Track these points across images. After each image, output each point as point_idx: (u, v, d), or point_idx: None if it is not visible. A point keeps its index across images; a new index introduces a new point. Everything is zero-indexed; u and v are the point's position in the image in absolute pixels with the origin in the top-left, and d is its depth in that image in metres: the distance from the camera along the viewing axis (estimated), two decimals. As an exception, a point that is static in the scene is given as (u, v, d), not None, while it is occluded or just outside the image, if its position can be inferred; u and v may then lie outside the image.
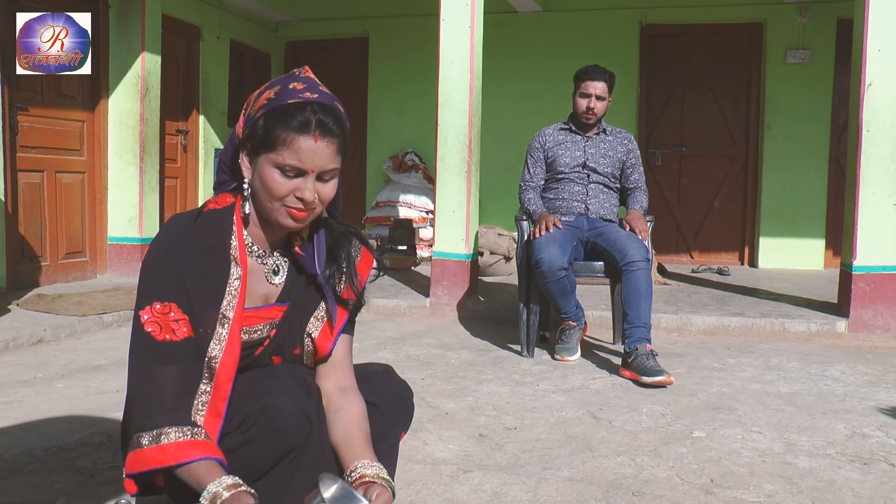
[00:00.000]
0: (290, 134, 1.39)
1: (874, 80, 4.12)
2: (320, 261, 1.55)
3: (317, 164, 1.41)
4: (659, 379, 3.10)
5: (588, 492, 2.04)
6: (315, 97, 1.42)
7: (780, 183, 6.79)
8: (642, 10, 7.00)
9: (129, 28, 5.56)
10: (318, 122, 1.40)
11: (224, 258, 1.47)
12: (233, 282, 1.46)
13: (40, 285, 5.02)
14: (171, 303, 1.41)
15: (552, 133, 3.90)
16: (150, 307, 1.41)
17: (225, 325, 1.44)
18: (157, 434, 1.36)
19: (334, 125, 1.42)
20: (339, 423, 1.50)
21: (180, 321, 1.41)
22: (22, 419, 2.57)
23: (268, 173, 1.42)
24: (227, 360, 1.43)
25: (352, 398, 1.55)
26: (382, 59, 7.60)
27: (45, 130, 5.09)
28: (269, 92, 1.45)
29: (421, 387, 3.04)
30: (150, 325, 1.40)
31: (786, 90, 6.74)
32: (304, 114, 1.40)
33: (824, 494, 2.03)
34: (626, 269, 3.40)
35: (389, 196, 7.12)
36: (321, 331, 1.57)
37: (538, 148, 3.89)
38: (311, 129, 1.40)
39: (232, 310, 1.45)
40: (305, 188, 1.42)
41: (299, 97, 1.42)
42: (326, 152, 1.42)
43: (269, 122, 1.41)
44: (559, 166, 3.83)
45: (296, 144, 1.40)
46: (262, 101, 1.44)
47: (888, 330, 4.12)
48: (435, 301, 4.73)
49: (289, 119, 1.40)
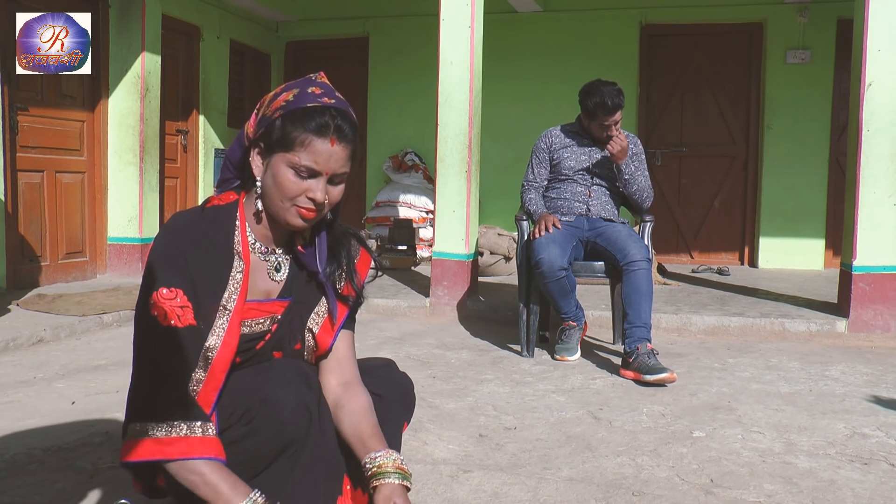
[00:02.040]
0: (308, 136, 1.44)
1: (874, 80, 4.12)
2: (322, 259, 1.59)
3: (331, 167, 1.46)
4: (662, 376, 3.10)
5: (588, 492, 2.04)
6: (332, 102, 1.48)
7: (780, 183, 6.79)
8: (642, 10, 7.00)
9: (129, 28, 5.56)
10: (337, 126, 1.45)
11: (227, 252, 1.50)
12: (235, 275, 1.49)
13: (40, 285, 5.02)
14: (177, 289, 1.44)
15: (559, 135, 3.87)
16: (157, 292, 1.43)
17: (225, 317, 1.46)
18: (165, 426, 1.39)
19: (350, 130, 1.47)
20: (347, 418, 1.53)
21: (185, 308, 1.43)
22: (22, 419, 2.57)
23: (282, 172, 1.46)
24: (224, 351, 1.45)
25: (356, 392, 1.58)
26: (382, 59, 7.60)
27: (45, 130, 5.09)
28: (287, 94, 1.49)
29: (421, 387, 3.03)
30: (156, 310, 1.43)
31: (786, 90, 6.74)
32: (323, 117, 1.45)
33: (824, 494, 2.03)
34: (626, 269, 3.40)
35: (389, 196, 7.12)
36: (322, 326, 1.60)
37: (544, 149, 3.86)
38: (329, 133, 1.44)
39: (233, 302, 1.47)
40: (317, 189, 1.46)
41: (318, 101, 1.46)
42: (341, 156, 1.47)
43: (288, 122, 1.45)
44: (564, 168, 3.81)
45: (313, 146, 1.44)
46: (280, 103, 1.48)
47: (888, 330, 4.12)
48: (435, 301, 4.73)
49: (308, 121, 1.44)
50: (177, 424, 1.39)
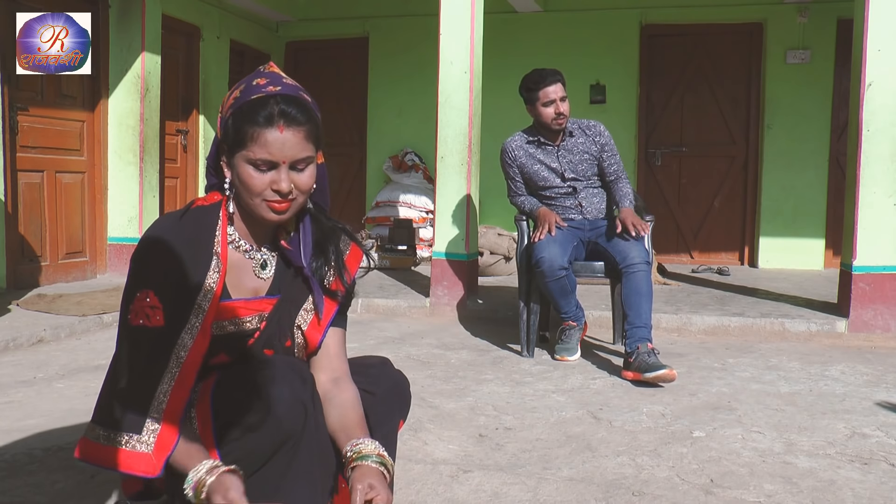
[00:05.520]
0: (255, 129, 1.43)
1: (874, 80, 4.12)
2: (306, 253, 1.58)
3: (287, 155, 1.44)
4: (661, 373, 3.09)
5: (588, 492, 2.04)
6: (278, 89, 1.46)
7: (780, 183, 6.79)
8: (642, 10, 7.00)
9: (129, 28, 5.56)
10: (281, 111, 1.43)
11: (206, 252, 1.50)
12: (211, 274, 1.49)
13: (40, 285, 5.02)
14: (148, 290, 1.45)
15: (520, 145, 3.79)
16: (133, 296, 1.46)
17: (199, 316, 1.46)
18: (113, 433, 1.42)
19: (298, 113, 1.45)
20: (334, 411, 1.53)
21: (155, 309, 1.44)
22: (22, 419, 2.57)
23: (243, 170, 1.46)
24: (195, 351, 1.46)
25: (345, 386, 1.58)
26: (382, 59, 7.60)
27: (45, 130, 5.09)
28: (236, 91, 1.49)
29: (421, 387, 3.04)
30: (130, 313, 1.45)
31: (786, 90, 6.74)
32: (266, 107, 1.43)
33: (824, 494, 2.03)
34: (626, 271, 3.39)
35: (389, 196, 7.12)
36: (310, 323, 1.59)
37: (510, 164, 3.80)
38: (275, 121, 1.43)
39: (207, 302, 1.47)
40: (281, 180, 1.45)
41: (262, 91, 1.46)
42: (294, 141, 1.44)
43: (237, 120, 1.45)
44: (538, 181, 3.76)
45: (262, 138, 1.43)
46: (230, 101, 1.48)
47: (888, 330, 4.12)
48: (435, 301, 4.73)
49: (253, 114, 1.43)
50: (123, 434, 1.41)
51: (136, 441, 1.40)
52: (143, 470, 1.40)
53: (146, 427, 1.40)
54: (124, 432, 1.41)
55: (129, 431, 1.41)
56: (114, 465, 1.41)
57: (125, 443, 1.40)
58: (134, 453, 1.40)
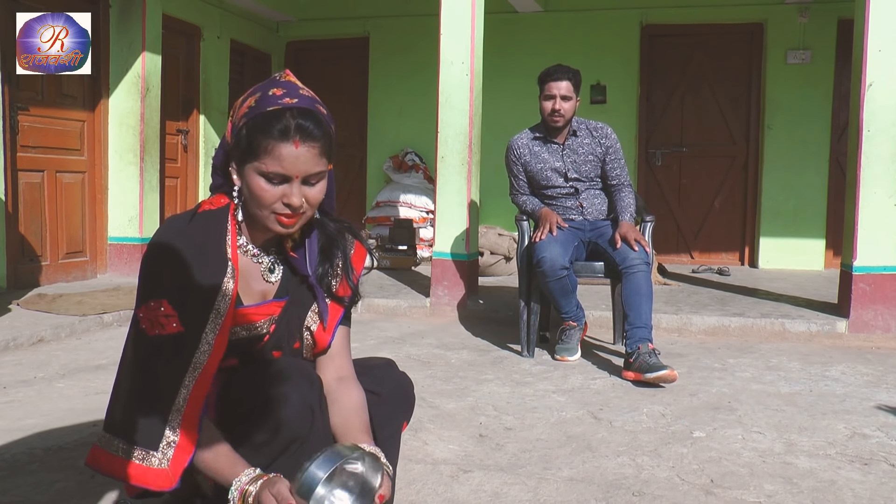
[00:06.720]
0: (270, 142, 1.40)
1: (874, 80, 4.12)
2: (312, 262, 1.58)
3: (300, 170, 1.42)
4: (662, 373, 3.09)
5: (588, 492, 2.04)
6: (294, 102, 1.43)
7: (780, 183, 6.79)
8: (642, 10, 7.00)
9: (129, 28, 5.56)
10: (298, 126, 1.40)
11: (217, 257, 1.49)
12: (226, 281, 1.48)
13: (40, 285, 5.02)
14: (161, 299, 1.44)
15: (526, 143, 3.81)
16: (145, 305, 1.45)
17: (217, 322, 1.46)
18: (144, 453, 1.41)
19: (315, 128, 1.42)
20: (338, 412, 1.53)
21: (170, 317, 1.43)
22: (22, 419, 2.57)
23: (254, 182, 1.44)
24: (214, 356, 1.45)
25: (350, 387, 1.58)
26: (382, 59, 7.60)
27: (46, 130, 5.09)
28: (251, 100, 1.46)
29: (421, 387, 3.04)
30: (144, 323, 1.44)
31: (786, 90, 6.74)
32: (283, 120, 1.40)
33: (824, 495, 2.03)
34: (626, 272, 3.39)
35: (390, 196, 7.12)
36: (319, 324, 1.60)
37: (515, 161, 3.81)
38: (290, 136, 1.40)
39: (225, 307, 1.47)
40: (292, 194, 1.43)
41: (278, 104, 1.42)
42: (309, 156, 1.42)
43: (251, 131, 1.42)
44: (541, 179, 3.77)
45: (277, 152, 1.40)
46: (244, 110, 1.46)
47: (888, 330, 4.12)
48: (435, 301, 4.73)
49: (269, 127, 1.40)
50: (139, 449, 1.41)
51: (153, 457, 1.40)
52: (158, 485, 1.40)
53: (165, 437, 1.40)
54: (140, 447, 1.41)
55: (145, 446, 1.41)
56: (126, 477, 1.41)
57: (142, 458, 1.40)
58: (151, 469, 1.40)
